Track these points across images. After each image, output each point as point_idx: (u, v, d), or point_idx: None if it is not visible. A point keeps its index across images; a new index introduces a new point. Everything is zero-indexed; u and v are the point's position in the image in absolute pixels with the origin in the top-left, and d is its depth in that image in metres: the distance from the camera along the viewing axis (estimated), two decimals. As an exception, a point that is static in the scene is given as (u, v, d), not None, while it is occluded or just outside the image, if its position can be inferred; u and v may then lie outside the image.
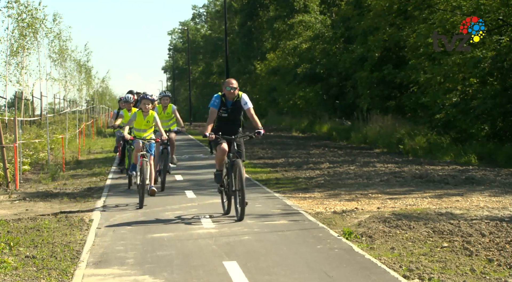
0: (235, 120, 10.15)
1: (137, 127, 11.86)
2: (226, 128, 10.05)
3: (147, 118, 11.75)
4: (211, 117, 10.02)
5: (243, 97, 10.14)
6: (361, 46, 29.42)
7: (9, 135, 20.19)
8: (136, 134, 11.83)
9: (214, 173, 10.34)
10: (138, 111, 11.84)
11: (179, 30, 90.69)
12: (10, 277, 6.92)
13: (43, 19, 30.70)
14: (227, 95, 10.06)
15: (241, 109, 10.16)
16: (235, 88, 10.03)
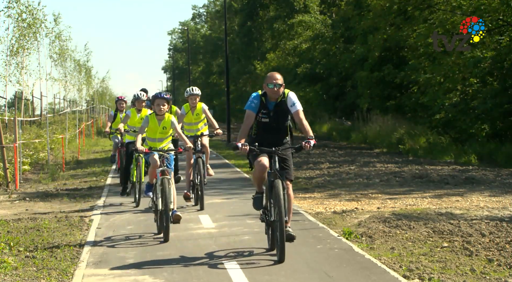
0: (279, 126, 7.84)
1: (151, 136, 9.40)
2: (267, 138, 7.76)
3: (163, 124, 9.34)
4: (247, 123, 7.73)
5: (289, 96, 7.74)
6: (361, 46, 29.41)
7: (9, 135, 20.19)
8: (151, 145, 9.38)
9: (253, 196, 7.97)
10: (151, 115, 9.33)
11: (179, 30, 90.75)
12: (10, 277, 6.92)
13: (43, 19, 30.75)
14: (269, 94, 7.75)
15: (287, 113, 7.78)
16: (280, 86, 7.64)
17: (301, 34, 42.54)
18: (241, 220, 10.12)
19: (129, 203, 12.03)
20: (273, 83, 7.66)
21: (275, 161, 7.52)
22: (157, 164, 9.11)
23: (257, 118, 7.77)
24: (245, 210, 10.89)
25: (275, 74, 7.78)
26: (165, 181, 8.74)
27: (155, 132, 9.38)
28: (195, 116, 11.46)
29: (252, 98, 7.78)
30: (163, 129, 9.36)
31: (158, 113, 9.27)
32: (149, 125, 9.31)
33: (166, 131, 9.41)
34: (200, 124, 11.54)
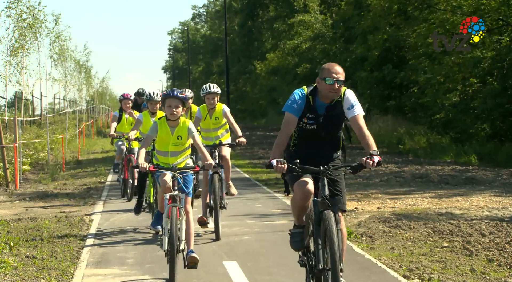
0: (329, 136, 5.75)
1: (161, 148, 7.00)
2: (311, 152, 5.73)
3: (178, 132, 6.90)
4: (286, 132, 5.66)
5: (347, 96, 5.64)
6: (361, 46, 29.43)
7: (9, 135, 20.19)
8: (161, 161, 7.02)
9: (290, 231, 5.90)
10: (160, 120, 6.95)
11: (179, 30, 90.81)
12: (10, 277, 6.92)
13: (43, 19, 30.75)
14: (323, 93, 5.58)
15: (342, 118, 5.72)
16: (341, 83, 5.53)
17: (301, 34, 42.58)
18: (241, 220, 10.11)
19: (129, 203, 12.02)
20: (332, 78, 5.47)
21: (324, 185, 5.43)
22: (168, 186, 6.77)
23: (300, 125, 5.69)
24: (245, 210, 10.89)
25: (335, 67, 5.53)
26: (174, 212, 6.53)
27: (166, 143, 6.91)
28: (214, 121, 9.30)
29: (294, 97, 5.65)
30: (178, 139, 6.90)
31: (170, 118, 6.83)
32: (158, 134, 6.89)
33: (181, 142, 6.91)
34: (220, 130, 9.39)
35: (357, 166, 5.43)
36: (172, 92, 6.80)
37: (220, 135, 9.38)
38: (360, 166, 5.39)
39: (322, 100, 5.62)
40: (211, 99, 9.13)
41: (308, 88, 5.70)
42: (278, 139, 5.65)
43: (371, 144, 5.43)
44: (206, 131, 9.41)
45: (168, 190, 6.78)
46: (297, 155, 5.67)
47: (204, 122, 9.31)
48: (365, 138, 5.48)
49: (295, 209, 5.79)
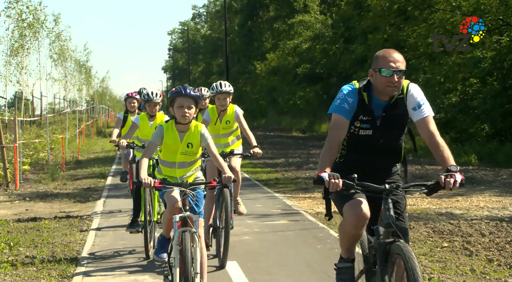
0: (389, 145, 4.60)
1: (168, 158, 5.73)
2: (365, 165, 4.58)
3: (188, 139, 5.65)
4: (335, 137, 4.49)
5: (411, 93, 4.47)
6: (361, 46, 29.44)
7: (9, 135, 20.19)
8: (166, 174, 5.75)
9: (336, 266, 4.77)
10: (168, 123, 5.67)
11: (179, 30, 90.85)
12: (10, 277, 6.92)
13: (43, 19, 30.78)
14: (379, 87, 4.42)
15: (405, 120, 4.54)
16: (402, 74, 4.35)
17: (301, 34, 42.60)
18: (241, 220, 10.11)
19: (129, 203, 12.02)
20: (390, 68, 4.31)
21: (389, 208, 4.19)
22: (177, 206, 5.55)
23: (351, 130, 4.52)
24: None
25: (393, 53, 4.38)
26: (187, 238, 5.26)
27: (173, 152, 5.66)
28: (224, 125, 7.98)
29: (343, 95, 4.52)
30: (188, 148, 5.64)
31: (180, 121, 5.55)
32: (164, 140, 5.62)
33: (192, 151, 5.67)
34: (231, 137, 8.08)
35: (434, 185, 4.17)
36: (184, 89, 5.48)
37: (230, 143, 8.05)
38: (438, 185, 4.15)
39: (380, 97, 4.42)
40: (222, 99, 7.82)
41: (360, 83, 4.52)
42: (327, 147, 4.41)
43: (448, 157, 4.31)
44: (214, 137, 7.16)
45: (178, 210, 5.50)
46: (346, 168, 4.49)
47: (213, 126, 7.90)
48: (439, 149, 4.34)
49: (345, 238, 4.55)
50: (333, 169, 4.37)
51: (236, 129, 8.05)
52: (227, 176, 5.45)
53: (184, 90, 5.50)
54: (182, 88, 5.53)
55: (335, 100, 4.62)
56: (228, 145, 8.04)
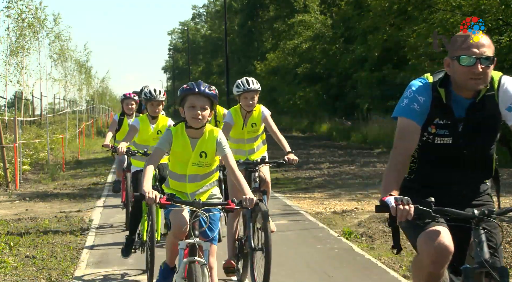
0: (475, 156, 3.62)
1: (178, 170, 4.76)
2: (446, 182, 3.62)
3: (202, 147, 4.70)
4: (404, 149, 3.46)
5: (506, 86, 3.45)
6: (361, 46, 29.44)
7: (9, 135, 20.19)
8: (174, 188, 4.79)
9: None
10: (177, 127, 4.72)
11: (179, 30, 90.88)
12: (10, 277, 6.92)
13: (43, 19, 30.80)
14: (457, 81, 3.44)
15: (498, 123, 3.55)
16: (489, 62, 3.41)
17: (301, 34, 42.60)
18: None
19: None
20: (472, 55, 3.39)
21: (482, 241, 3.24)
22: (185, 229, 4.60)
23: (424, 137, 3.53)
24: (245, 210, 10.88)
25: (477, 35, 3.56)
26: (196, 270, 4.33)
27: (184, 162, 4.69)
28: (250, 129, 6.91)
29: (412, 92, 3.51)
30: (201, 157, 4.66)
31: (192, 125, 4.58)
32: (172, 148, 4.67)
33: (205, 161, 4.69)
34: (257, 142, 7.00)
35: None
36: (198, 86, 4.51)
37: (255, 149, 6.99)
38: None
39: (460, 94, 3.42)
40: (249, 99, 6.71)
41: (434, 76, 3.49)
42: (392, 164, 3.38)
43: None
44: (237, 143, 6.82)
45: (185, 234, 4.55)
46: (419, 187, 3.56)
47: (237, 130, 6.82)
48: None
49: (421, 278, 3.54)
50: (402, 188, 3.39)
51: (262, 133, 7.04)
52: (248, 198, 4.31)
53: (197, 87, 4.52)
54: (195, 85, 4.54)
55: (401, 100, 3.51)
56: (253, 151, 6.93)
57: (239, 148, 6.86)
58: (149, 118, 7.49)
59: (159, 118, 7.50)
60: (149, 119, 7.49)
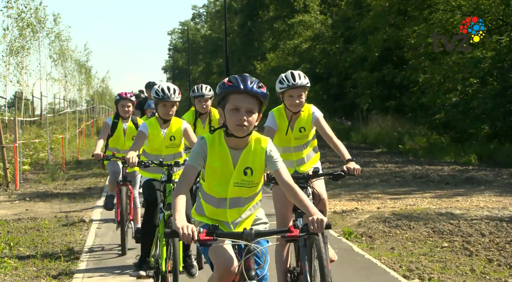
0: None
1: (214, 192, 3.72)
2: None
3: (246, 161, 3.69)
4: None
5: None
6: (361, 46, 29.44)
7: (9, 135, 20.19)
8: (212, 217, 3.78)
9: None
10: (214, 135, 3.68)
11: (179, 30, 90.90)
12: (10, 277, 6.92)
13: (44, 19, 30.82)
14: None
15: None
16: None
17: (301, 34, 42.60)
18: (241, 220, 10.12)
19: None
20: None
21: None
22: (234, 269, 3.58)
23: None
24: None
25: None
26: None
27: (224, 182, 3.71)
28: (298, 134, 5.63)
29: None
30: (246, 175, 3.70)
31: (233, 133, 3.63)
32: (207, 163, 3.67)
33: (252, 180, 3.72)
34: (307, 150, 5.72)
35: None
36: (244, 82, 3.48)
37: (305, 159, 5.70)
38: None
39: None
40: (296, 97, 5.43)
41: None
42: None
43: None
44: (282, 152, 5.19)
45: (233, 275, 3.56)
46: None
47: (282, 137, 5.57)
48: None
49: None
50: None
51: (313, 138, 5.72)
52: (317, 218, 3.37)
53: (243, 83, 3.46)
54: (240, 80, 3.47)
55: None
56: (303, 161, 5.68)
57: (285, 158, 5.07)
58: (159, 121, 6.29)
59: (172, 122, 6.33)
60: (160, 123, 6.30)
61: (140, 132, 6.24)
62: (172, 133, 6.33)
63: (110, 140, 8.51)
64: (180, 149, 6.46)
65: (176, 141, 6.35)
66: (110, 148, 8.54)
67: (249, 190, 3.71)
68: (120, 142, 8.51)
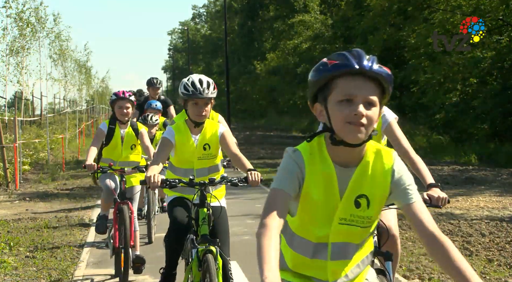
0: None
1: (309, 235, 2.44)
2: None
3: (365, 186, 2.37)
4: None
5: None
6: (361, 46, 29.45)
7: (9, 135, 20.19)
8: (303, 274, 2.51)
9: None
10: (313, 145, 2.38)
11: (179, 30, 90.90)
12: (10, 277, 6.92)
13: (44, 19, 30.83)
14: None
15: None
16: None
17: (301, 34, 42.62)
18: (241, 220, 10.12)
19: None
20: None
21: None
22: None
23: None
24: (245, 210, 10.88)
25: None
26: None
27: (327, 218, 2.41)
28: None
29: None
30: (359, 207, 2.40)
31: (345, 140, 2.29)
32: (304, 190, 2.36)
33: (365, 218, 2.41)
34: None
35: None
36: (359, 59, 2.44)
37: None
38: None
39: None
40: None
41: None
42: None
43: None
44: None
45: None
46: None
47: None
48: None
49: None
50: None
51: None
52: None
53: (357, 60, 2.39)
54: (352, 57, 2.39)
55: None
56: None
57: None
58: (189, 125, 5.02)
59: (206, 125, 5.02)
60: (190, 128, 5.02)
61: (165, 140, 4.87)
62: (206, 140, 5.01)
63: (104, 150, 7.06)
64: (217, 161, 5.15)
65: (211, 150, 5.01)
66: (104, 159, 7.08)
67: (363, 231, 2.44)
68: (117, 152, 7.06)
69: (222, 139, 4.96)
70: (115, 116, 7.00)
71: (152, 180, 4.41)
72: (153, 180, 4.41)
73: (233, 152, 4.83)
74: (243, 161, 4.77)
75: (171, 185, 4.60)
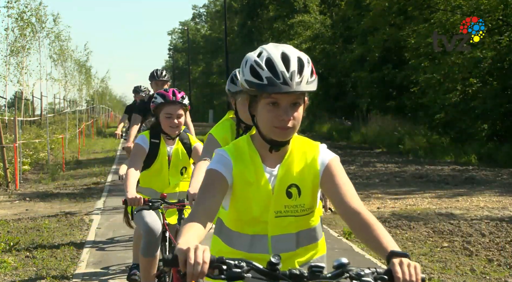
0: None
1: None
2: None
3: None
4: None
5: None
6: (361, 46, 29.45)
7: (9, 135, 20.19)
8: None
9: None
10: None
11: (179, 30, 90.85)
12: (10, 277, 6.92)
13: (44, 19, 30.84)
14: None
15: None
16: None
17: (301, 34, 42.61)
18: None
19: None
20: None
21: None
22: None
23: None
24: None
25: None
26: None
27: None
28: None
29: None
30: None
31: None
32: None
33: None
34: None
35: None
36: None
37: None
38: None
39: None
40: None
41: None
42: None
43: None
44: None
45: None
46: None
47: None
48: None
49: None
50: None
51: None
52: None
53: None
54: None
55: None
56: None
57: None
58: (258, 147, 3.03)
59: None
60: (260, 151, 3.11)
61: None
62: None
63: (142, 175, 5.02)
64: None
65: None
66: (141, 188, 5.10)
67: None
68: (162, 179, 5.04)
69: None
70: (159, 127, 4.90)
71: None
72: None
73: None
74: None
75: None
